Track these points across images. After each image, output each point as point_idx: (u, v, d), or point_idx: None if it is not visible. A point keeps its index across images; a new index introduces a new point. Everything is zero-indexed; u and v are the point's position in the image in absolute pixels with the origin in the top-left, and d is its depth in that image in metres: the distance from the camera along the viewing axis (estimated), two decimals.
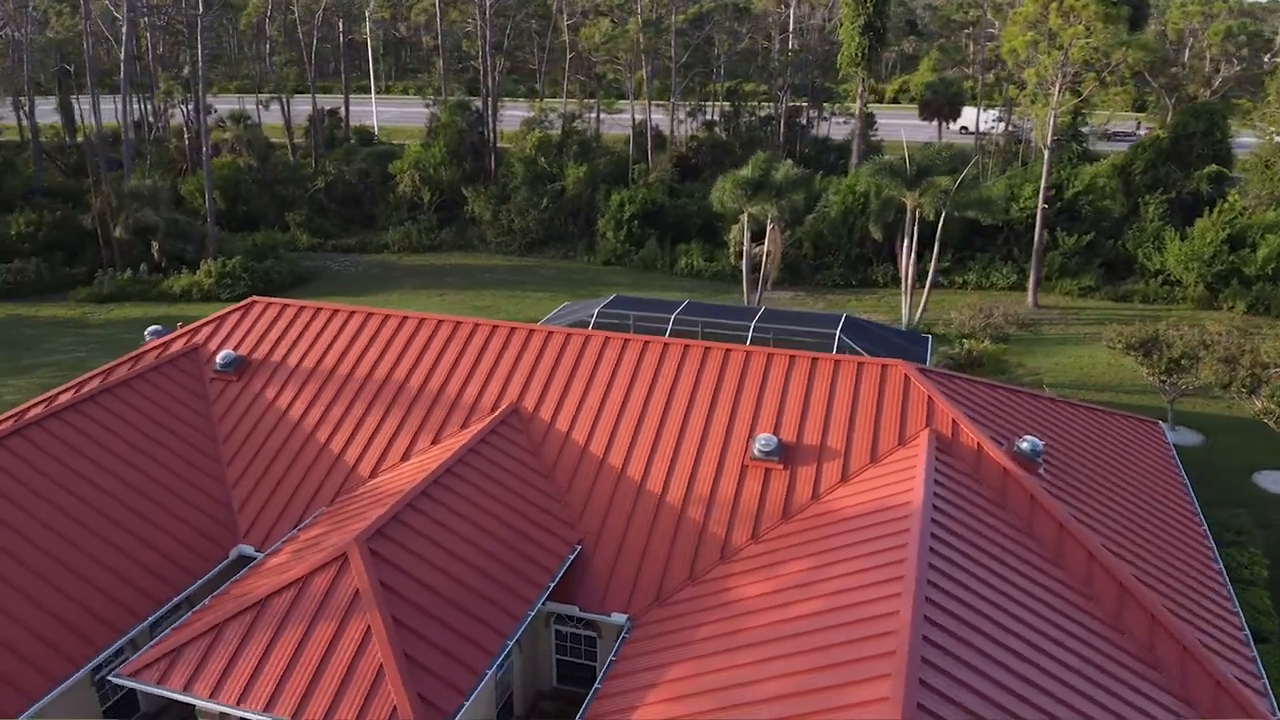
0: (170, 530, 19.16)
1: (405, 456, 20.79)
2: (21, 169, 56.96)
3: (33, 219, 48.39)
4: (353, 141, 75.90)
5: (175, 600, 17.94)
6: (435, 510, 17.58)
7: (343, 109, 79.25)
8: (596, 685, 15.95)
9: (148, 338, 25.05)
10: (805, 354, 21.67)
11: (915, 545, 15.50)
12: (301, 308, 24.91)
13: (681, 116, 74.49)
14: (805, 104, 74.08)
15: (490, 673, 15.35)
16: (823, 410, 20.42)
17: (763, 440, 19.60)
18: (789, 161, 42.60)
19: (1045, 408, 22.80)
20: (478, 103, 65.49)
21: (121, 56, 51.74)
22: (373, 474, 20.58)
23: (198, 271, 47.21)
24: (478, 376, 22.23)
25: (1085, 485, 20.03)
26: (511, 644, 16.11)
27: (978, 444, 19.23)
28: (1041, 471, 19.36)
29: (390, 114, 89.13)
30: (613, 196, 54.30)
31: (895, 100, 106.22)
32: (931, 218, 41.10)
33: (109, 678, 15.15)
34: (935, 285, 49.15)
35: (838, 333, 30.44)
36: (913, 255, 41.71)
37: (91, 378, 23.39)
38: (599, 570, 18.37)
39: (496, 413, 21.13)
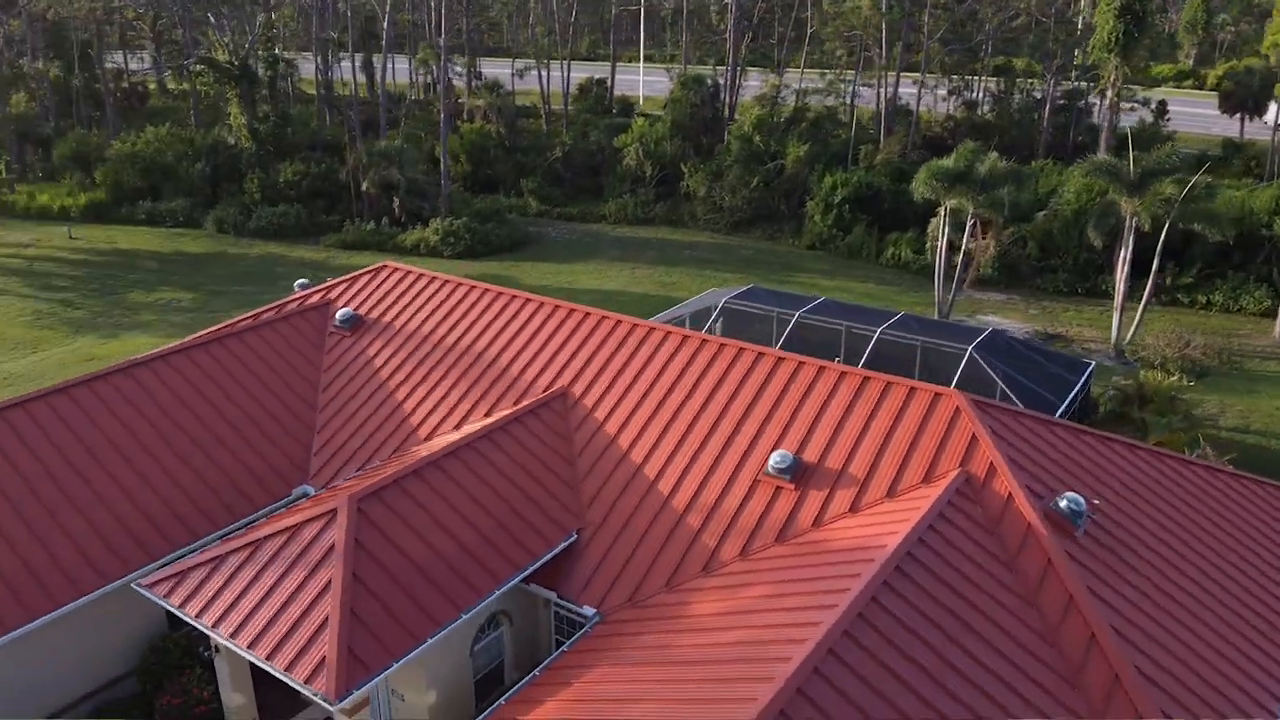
0: (248, 464, 21.85)
1: (458, 426, 22.19)
2: (308, 121, 64.74)
3: (300, 169, 55.13)
4: (615, 111, 78.94)
5: (231, 526, 20.53)
6: (438, 480, 18.76)
7: (609, 78, 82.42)
8: (535, 672, 16.55)
9: (296, 289, 28.23)
10: (858, 371, 20.58)
11: (855, 593, 14.56)
12: (420, 275, 26.97)
13: (943, 93, 70.66)
14: (1086, 86, 67.44)
15: (432, 640, 16.39)
16: (855, 434, 19.37)
17: (777, 457, 18.98)
18: (995, 154, 39.48)
19: (1141, 464, 20.09)
20: (722, 74, 65.71)
21: (384, 24, 57.22)
22: (428, 437, 22.18)
23: (427, 229, 51.71)
24: (542, 357, 23.12)
25: (1144, 558, 17.60)
26: (466, 617, 17.03)
27: (1008, 493, 17.48)
28: (1080, 535, 17.26)
29: (665, 85, 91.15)
30: (825, 178, 52.89)
31: (1217, 87, 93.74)
32: (1147, 227, 36.64)
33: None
34: (1172, 304, 44.00)
35: (970, 349, 28.13)
36: (1127, 268, 37.45)
37: (245, 319, 26.85)
38: (588, 561, 18.79)
39: (543, 395, 21.97)
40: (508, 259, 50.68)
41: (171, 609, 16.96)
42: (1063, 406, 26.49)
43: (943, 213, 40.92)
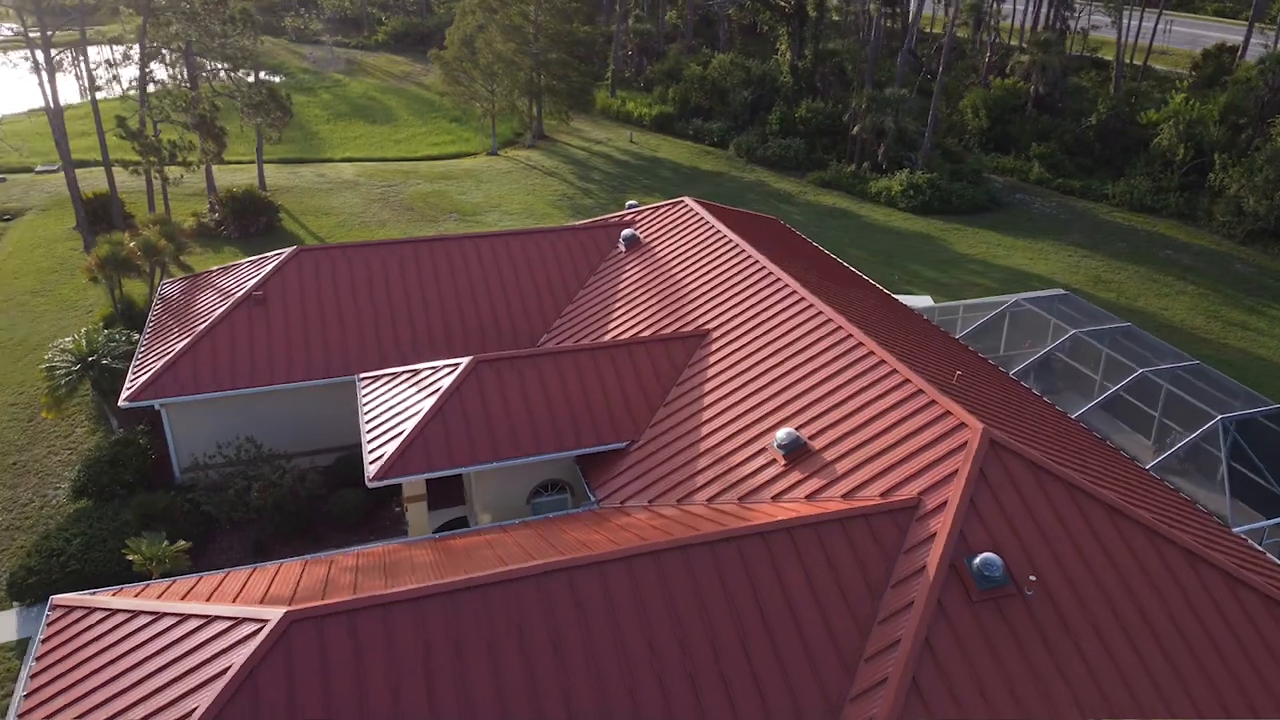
0: (500, 321, 28.94)
1: (629, 335, 26.65)
2: (859, 63, 68.47)
3: (815, 107, 59.91)
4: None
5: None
6: (548, 368, 23.84)
7: (1241, 44, 71.21)
8: (514, 520, 21.33)
9: (625, 208, 34.30)
10: (917, 381, 20.30)
11: (625, 548, 16.45)
12: (697, 215, 31.02)
13: None
14: None
15: (465, 470, 22.06)
16: (868, 437, 19.72)
17: (783, 433, 20.33)
18: None
19: (1175, 570, 16.93)
20: None
21: None
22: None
23: (894, 179, 53.34)
24: (716, 299, 26.18)
25: (1051, 641, 15.81)
26: (499, 466, 22.22)
27: (933, 534, 17.00)
28: (977, 597, 16.17)
29: None
30: None
31: None
32: None
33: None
34: None
35: (1219, 418, 23.15)
36: None
37: (582, 223, 33.89)
38: (620, 466, 22.46)
39: (685, 331, 25.30)
40: (957, 221, 50.24)
41: (360, 395, 25.03)
42: None
43: None
